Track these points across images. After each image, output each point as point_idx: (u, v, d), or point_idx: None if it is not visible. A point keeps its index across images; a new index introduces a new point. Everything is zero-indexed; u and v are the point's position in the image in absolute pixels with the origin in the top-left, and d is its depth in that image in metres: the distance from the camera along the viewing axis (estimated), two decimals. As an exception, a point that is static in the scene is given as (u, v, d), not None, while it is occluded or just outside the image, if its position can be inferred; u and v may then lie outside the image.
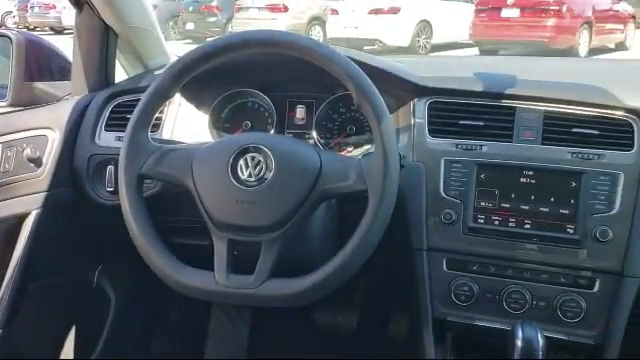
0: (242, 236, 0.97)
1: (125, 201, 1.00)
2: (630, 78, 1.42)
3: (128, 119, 1.04)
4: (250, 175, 0.97)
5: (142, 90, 1.11)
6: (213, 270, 0.97)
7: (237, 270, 0.97)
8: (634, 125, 1.11)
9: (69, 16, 11.82)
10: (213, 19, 13.51)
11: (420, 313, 1.19)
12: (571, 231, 1.09)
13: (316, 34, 11.88)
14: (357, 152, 1.30)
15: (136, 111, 1.03)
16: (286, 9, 12.31)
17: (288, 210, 0.95)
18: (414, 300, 1.21)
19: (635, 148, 1.09)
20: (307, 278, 0.95)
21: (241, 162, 0.98)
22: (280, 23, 11.36)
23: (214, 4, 13.60)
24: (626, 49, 11.23)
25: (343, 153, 1.30)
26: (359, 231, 0.94)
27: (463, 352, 1.22)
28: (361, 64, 1.00)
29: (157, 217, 1.02)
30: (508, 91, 1.18)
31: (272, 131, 1.33)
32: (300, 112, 1.35)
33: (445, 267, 1.17)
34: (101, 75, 1.48)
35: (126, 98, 1.40)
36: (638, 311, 1.10)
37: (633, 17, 11.45)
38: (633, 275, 1.07)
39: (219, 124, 1.38)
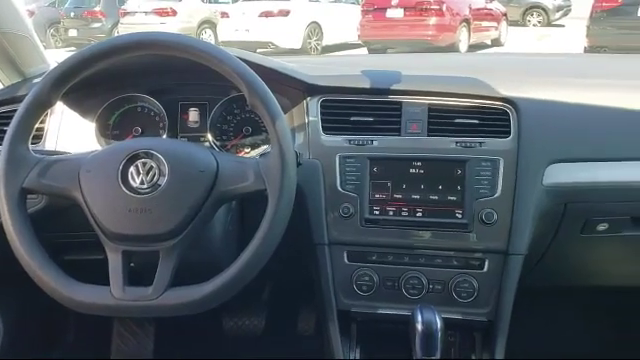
0: (138, 246, 0.94)
1: (7, 219, 0.93)
2: (504, 70, 1.52)
3: (5, 131, 0.97)
4: (142, 182, 0.94)
5: (20, 100, 1.04)
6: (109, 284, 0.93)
7: (135, 282, 0.94)
8: (510, 113, 1.19)
9: None
10: (97, 25, 12.93)
11: (325, 307, 1.21)
12: (459, 216, 1.15)
13: (207, 38, 11.70)
14: (254, 153, 1.30)
15: (13, 122, 0.96)
16: (175, 13, 12.03)
17: (185, 216, 0.93)
18: (318, 294, 1.23)
19: (512, 135, 1.17)
20: (209, 283, 0.94)
21: (132, 169, 0.95)
22: (169, 27, 11.07)
23: (97, 9, 13.03)
24: (501, 45, 12.07)
25: (240, 154, 1.30)
26: (260, 231, 0.94)
27: (368, 341, 1.25)
28: (253, 65, 1.00)
29: (45, 234, 0.96)
30: (394, 87, 1.23)
31: (164, 136, 1.29)
32: (193, 115, 1.32)
33: (346, 259, 1.20)
34: None
35: (2, 109, 1.31)
36: (523, 286, 1.19)
37: (505, 15, 12.34)
38: (517, 253, 1.15)
39: (107, 132, 1.32)
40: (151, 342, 1.77)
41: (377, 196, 1.17)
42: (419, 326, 1.03)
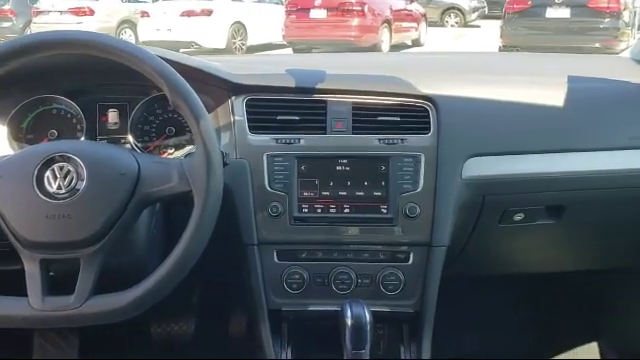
0: (56, 254, 0.90)
1: None
2: (424, 69, 1.57)
3: None
4: (60, 187, 0.90)
5: None
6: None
7: (55, 291, 0.90)
8: (429, 110, 1.22)
9: None
10: (7, 24, 12.27)
11: (256, 307, 1.21)
12: (385, 211, 1.18)
13: (127, 38, 11.35)
14: (179, 153, 1.27)
15: None
16: (92, 12, 11.60)
17: (106, 220, 0.90)
18: (249, 295, 1.22)
19: (431, 131, 1.20)
20: (134, 289, 0.91)
21: (48, 173, 0.91)
22: (87, 27, 10.66)
23: (7, 7, 12.34)
24: (421, 45, 12.45)
25: (164, 156, 1.27)
26: (186, 233, 0.92)
27: (299, 339, 1.26)
28: (174, 63, 0.98)
29: None
30: (319, 86, 1.24)
31: (82, 138, 1.24)
32: (112, 116, 1.28)
33: (276, 258, 1.20)
34: None
35: None
36: (447, 276, 1.23)
37: (424, 16, 12.73)
38: (440, 244, 1.19)
39: (20, 135, 1.25)
40: (75, 354, 1.70)
41: (305, 194, 1.18)
42: (349, 321, 1.05)
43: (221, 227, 0.97)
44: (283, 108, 1.22)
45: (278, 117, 1.21)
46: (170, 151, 1.28)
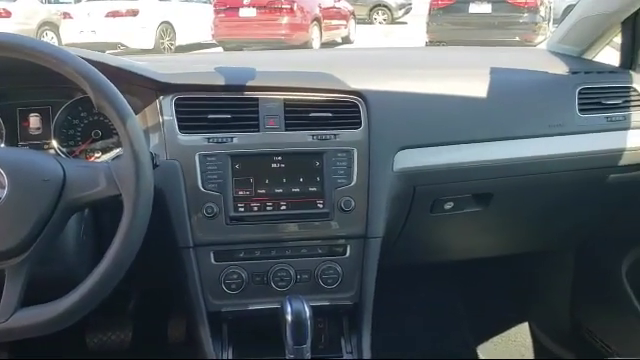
0: None
1: None
2: (354, 64, 1.59)
3: None
4: None
5: None
6: None
7: None
8: (359, 105, 1.24)
9: None
10: None
11: (194, 310, 1.19)
12: (321, 206, 1.19)
13: (49, 40, 10.84)
14: (107, 157, 1.23)
15: None
16: (9, 14, 11.00)
17: (31, 229, 0.87)
18: (187, 298, 1.20)
19: (362, 126, 1.22)
20: (65, 299, 0.88)
21: None
22: (4, 30, 10.11)
23: None
24: (351, 42, 12.61)
25: (91, 160, 1.23)
26: (117, 238, 0.90)
27: (240, 339, 1.25)
28: (97, 64, 0.95)
29: None
30: (250, 83, 1.23)
31: (2, 145, 1.18)
32: (34, 121, 1.22)
33: (213, 260, 1.18)
34: None
35: None
36: (383, 267, 1.25)
37: (353, 14, 12.89)
38: (375, 236, 1.21)
39: None
40: None
41: (241, 193, 1.17)
42: (289, 317, 1.05)
43: (154, 230, 0.94)
44: (214, 107, 1.20)
45: (209, 116, 1.19)
46: (97, 155, 1.24)
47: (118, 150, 1.22)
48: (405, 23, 16.36)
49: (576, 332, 1.83)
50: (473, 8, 9.67)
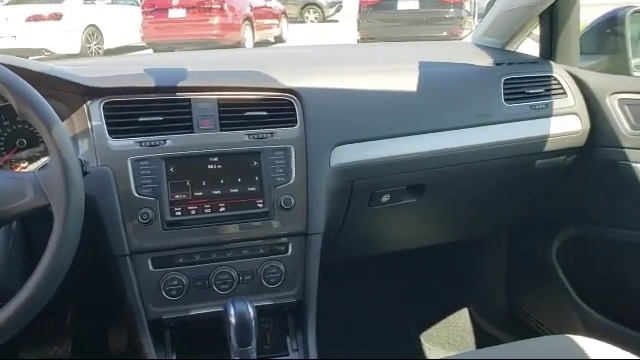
0: None
1: None
2: (288, 63, 1.59)
3: None
4: None
5: None
6: None
7: None
8: (294, 103, 1.24)
9: None
10: None
11: (134, 319, 1.16)
12: (261, 205, 1.18)
13: (-37, 47, 10.29)
14: (34, 167, 1.18)
15: None
16: None
17: None
18: (126, 308, 1.17)
19: (298, 123, 1.22)
20: None
21: None
22: None
23: None
24: (284, 41, 12.61)
25: (17, 170, 1.17)
26: (48, 250, 0.86)
27: (184, 345, 1.23)
28: (18, 69, 0.91)
29: None
30: (182, 84, 1.21)
31: None
32: None
33: (151, 267, 1.15)
34: None
35: None
36: (326, 262, 1.26)
37: (284, 13, 12.90)
38: (315, 232, 1.22)
39: None
40: None
41: (177, 197, 1.15)
42: (232, 319, 1.04)
43: (88, 240, 0.91)
44: (145, 109, 1.17)
45: (140, 119, 1.16)
46: (23, 165, 1.18)
47: (45, 159, 1.17)
48: (336, 21, 16.51)
49: (512, 313, 1.91)
50: (401, 5, 9.89)
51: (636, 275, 1.50)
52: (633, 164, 1.37)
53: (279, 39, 12.54)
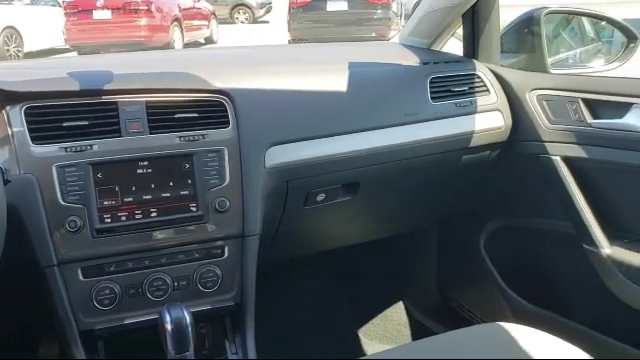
0: None
1: None
2: (218, 64, 1.57)
3: None
4: None
5: None
6: None
7: None
8: (226, 104, 1.23)
9: None
10: None
11: (65, 331, 1.12)
12: (194, 209, 1.16)
13: None
14: None
15: None
16: None
17: None
18: (56, 320, 1.13)
19: (231, 125, 1.21)
20: None
21: None
22: None
23: None
24: (214, 42, 12.46)
25: None
26: None
27: (119, 355, 1.19)
28: None
29: None
30: (108, 86, 1.17)
31: None
32: None
33: (81, 276, 1.12)
34: None
35: None
36: (264, 263, 1.26)
37: (214, 13, 12.74)
38: (252, 234, 1.22)
39: None
40: None
41: (106, 203, 1.11)
42: (168, 326, 1.02)
43: (13, 251, 0.87)
44: (69, 114, 1.13)
45: (65, 124, 1.12)
46: None
47: None
48: (267, 22, 16.47)
49: (446, 305, 1.97)
50: (330, 6, 9.99)
51: (560, 263, 1.58)
52: (552, 157, 1.44)
53: (209, 40, 12.38)
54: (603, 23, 1.79)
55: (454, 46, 1.75)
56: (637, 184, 1.34)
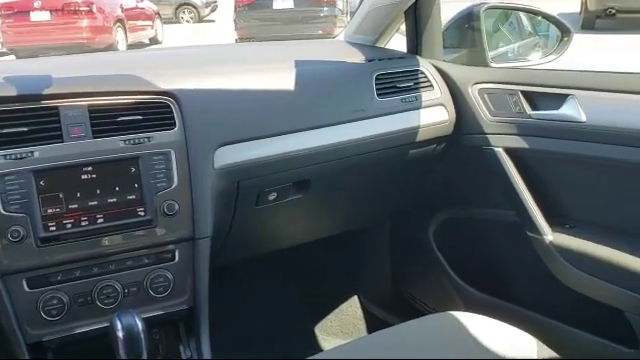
0: None
1: None
2: (162, 65, 1.55)
3: None
4: None
5: None
6: None
7: None
8: (172, 106, 1.21)
9: None
10: None
11: (12, 344, 1.08)
12: (142, 213, 1.15)
13: None
14: None
15: None
16: None
17: None
18: (1, 332, 1.09)
19: (177, 126, 1.20)
20: None
21: None
22: None
23: None
24: (159, 43, 12.24)
25: None
26: None
27: None
28: None
29: None
30: (47, 91, 1.14)
31: None
32: None
33: (26, 287, 1.08)
34: None
35: None
36: (217, 265, 1.25)
37: (158, 13, 12.51)
38: (203, 236, 1.21)
39: None
40: None
41: (50, 211, 1.08)
42: (120, 333, 1.00)
43: None
44: (7, 120, 1.09)
45: (3, 130, 1.08)
46: None
47: None
48: (213, 21, 16.28)
49: (399, 297, 2.01)
50: (277, 4, 9.97)
51: (507, 251, 1.64)
52: (495, 148, 1.49)
53: (154, 40, 12.15)
54: (539, 18, 1.86)
55: (399, 42, 1.78)
56: (575, 172, 1.40)
